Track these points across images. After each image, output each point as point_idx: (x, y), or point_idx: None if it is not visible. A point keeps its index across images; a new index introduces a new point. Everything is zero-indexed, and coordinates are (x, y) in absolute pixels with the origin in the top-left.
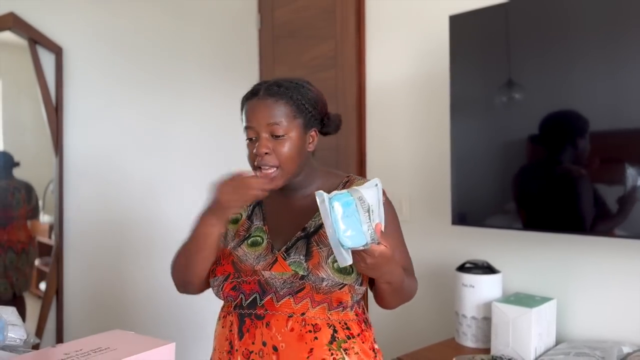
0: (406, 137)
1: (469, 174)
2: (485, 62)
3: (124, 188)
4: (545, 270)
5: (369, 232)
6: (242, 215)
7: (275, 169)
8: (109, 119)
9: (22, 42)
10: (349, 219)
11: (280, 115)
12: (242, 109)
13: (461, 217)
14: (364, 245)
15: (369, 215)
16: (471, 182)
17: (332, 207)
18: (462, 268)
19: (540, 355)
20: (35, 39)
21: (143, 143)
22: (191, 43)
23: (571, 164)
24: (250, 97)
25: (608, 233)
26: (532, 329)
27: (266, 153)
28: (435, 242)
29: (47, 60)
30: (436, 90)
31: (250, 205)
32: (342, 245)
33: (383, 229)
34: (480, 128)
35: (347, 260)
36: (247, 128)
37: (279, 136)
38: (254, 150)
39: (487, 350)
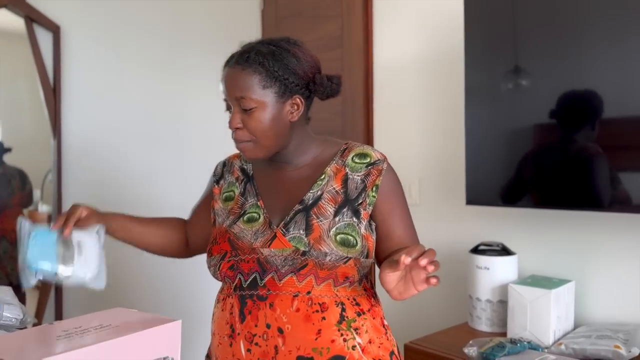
0: (415, 118)
1: (484, 154)
2: (503, 38)
3: (124, 172)
4: (562, 252)
5: (66, 267)
6: (234, 193)
7: (249, 143)
8: (108, 100)
9: (18, 21)
10: (45, 249)
11: (248, 87)
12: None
13: (476, 197)
14: (54, 276)
15: (74, 253)
16: (486, 161)
17: (30, 233)
18: (476, 250)
19: (559, 339)
20: (32, 17)
21: (144, 125)
22: (193, 24)
23: (587, 142)
24: (226, 65)
25: (626, 209)
26: (552, 312)
27: (237, 128)
28: (448, 224)
29: (45, 39)
30: (448, 69)
31: (241, 182)
32: (29, 268)
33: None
34: (497, 108)
35: (29, 283)
36: (223, 100)
37: (248, 109)
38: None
39: (502, 334)
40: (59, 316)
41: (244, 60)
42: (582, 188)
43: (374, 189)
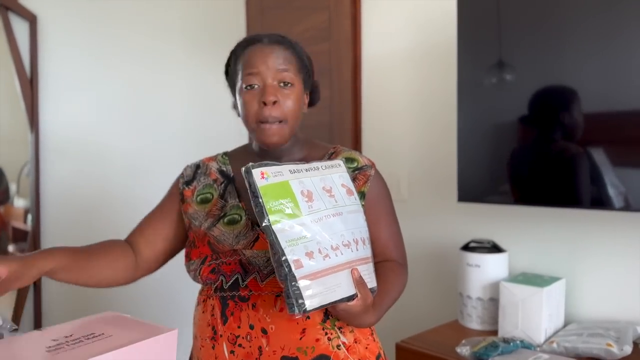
0: (404, 112)
1: (476, 151)
2: (497, 31)
3: (104, 166)
4: (553, 249)
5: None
6: (212, 195)
7: (279, 123)
8: (87, 92)
9: None
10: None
11: (289, 62)
12: (238, 58)
13: (468, 194)
14: None
15: None
16: (478, 158)
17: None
18: (466, 247)
19: (550, 337)
20: (7, 5)
21: (124, 117)
22: (175, 14)
23: (577, 139)
24: (253, 44)
25: (616, 207)
26: (543, 310)
27: (275, 102)
28: (437, 221)
29: (21, 28)
30: (438, 63)
31: (221, 184)
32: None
33: None
34: (490, 103)
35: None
36: (249, 75)
37: (287, 85)
38: (261, 99)
39: (493, 332)
40: (37, 321)
41: (281, 41)
42: (573, 185)
43: (358, 195)
